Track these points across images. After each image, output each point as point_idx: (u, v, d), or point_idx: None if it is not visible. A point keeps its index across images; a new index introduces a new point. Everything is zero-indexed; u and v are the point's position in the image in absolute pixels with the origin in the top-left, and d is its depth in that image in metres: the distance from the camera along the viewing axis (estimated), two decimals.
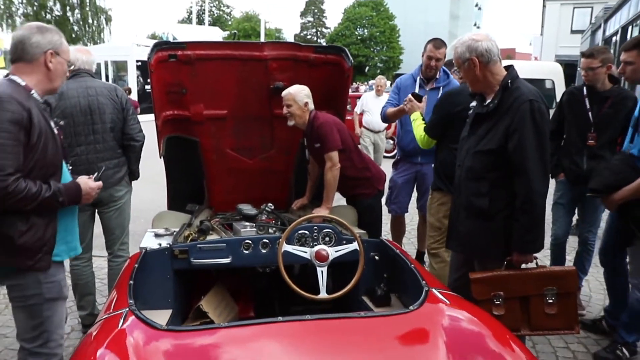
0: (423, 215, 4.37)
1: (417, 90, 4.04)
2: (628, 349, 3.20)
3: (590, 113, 3.60)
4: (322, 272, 2.66)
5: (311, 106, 3.49)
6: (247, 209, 3.45)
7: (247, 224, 3.15)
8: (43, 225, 2.08)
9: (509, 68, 2.51)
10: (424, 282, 2.22)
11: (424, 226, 4.22)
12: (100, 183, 2.33)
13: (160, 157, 3.83)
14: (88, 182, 2.25)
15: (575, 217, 4.06)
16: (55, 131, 2.15)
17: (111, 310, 2.06)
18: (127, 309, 1.97)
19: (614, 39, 14.29)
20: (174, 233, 3.06)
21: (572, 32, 24.90)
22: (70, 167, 2.33)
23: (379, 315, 2.07)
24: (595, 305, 4.09)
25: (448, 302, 2.09)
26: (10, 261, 2.06)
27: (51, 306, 2.17)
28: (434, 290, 2.17)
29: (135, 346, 1.74)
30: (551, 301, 2.43)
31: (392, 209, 4.42)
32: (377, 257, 2.89)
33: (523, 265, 2.50)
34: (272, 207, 3.55)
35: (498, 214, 2.48)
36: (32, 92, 2.09)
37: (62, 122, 2.69)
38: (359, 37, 49.10)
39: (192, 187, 3.96)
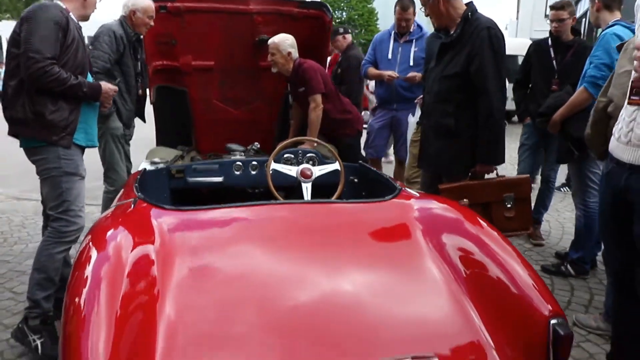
0: (399, 159, 4.70)
1: (391, 44, 4.41)
2: (573, 267, 3.58)
3: (554, 61, 3.97)
4: (306, 188, 2.94)
5: (295, 55, 3.75)
6: (236, 146, 3.71)
7: (236, 151, 3.41)
8: (68, 110, 2.52)
9: (468, 3, 2.83)
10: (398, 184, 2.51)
11: (401, 169, 4.56)
12: (116, 87, 2.84)
13: (151, 104, 4.06)
14: (108, 84, 2.76)
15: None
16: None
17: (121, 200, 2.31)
18: (137, 197, 2.21)
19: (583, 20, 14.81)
20: (169, 162, 3.31)
21: (546, 16, 25.45)
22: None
23: (357, 202, 2.32)
24: (553, 239, 4.48)
25: (418, 195, 2.39)
26: (40, 134, 2.50)
27: (69, 179, 2.57)
28: (406, 188, 2.46)
29: (146, 223, 1.96)
30: (509, 206, 2.77)
31: (369, 153, 4.73)
32: (356, 180, 3.18)
33: (485, 176, 2.83)
34: (259, 146, 3.81)
35: (462, 132, 2.80)
36: (70, 14, 2.57)
37: None
38: (337, 20, 49.11)
39: (180, 134, 4.18)
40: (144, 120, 4.07)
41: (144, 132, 4.60)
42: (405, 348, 1.57)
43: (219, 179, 3.07)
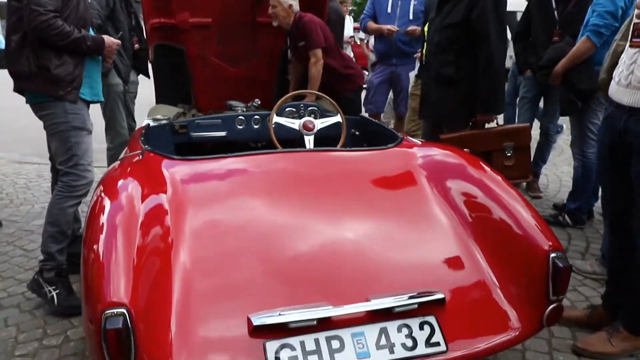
0: (398, 115, 4.72)
1: None
2: (570, 217, 3.66)
3: (555, 12, 3.93)
4: (309, 141, 2.96)
5: (296, 8, 3.71)
6: (236, 103, 3.71)
7: (237, 107, 3.42)
8: (73, 64, 2.54)
9: None
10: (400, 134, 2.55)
11: (400, 124, 4.58)
12: (119, 41, 2.81)
13: (149, 62, 4.04)
14: (111, 38, 2.75)
15: None
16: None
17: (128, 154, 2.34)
18: (143, 149, 2.24)
19: None
20: (171, 118, 3.32)
21: None
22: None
23: (360, 149, 2.36)
24: (551, 191, 4.55)
25: (421, 143, 2.42)
26: (45, 89, 2.51)
27: (77, 134, 2.61)
28: (409, 137, 2.50)
29: (156, 173, 2.00)
30: (509, 155, 2.82)
31: (368, 109, 4.74)
32: (357, 133, 3.21)
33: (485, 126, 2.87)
34: (259, 103, 3.82)
35: (462, 81, 2.83)
36: None
37: None
38: None
39: (180, 92, 4.17)
40: (147, 76, 4.07)
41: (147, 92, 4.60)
42: (411, 284, 1.64)
43: (222, 134, 3.10)
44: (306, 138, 2.97)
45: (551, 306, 1.63)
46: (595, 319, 2.44)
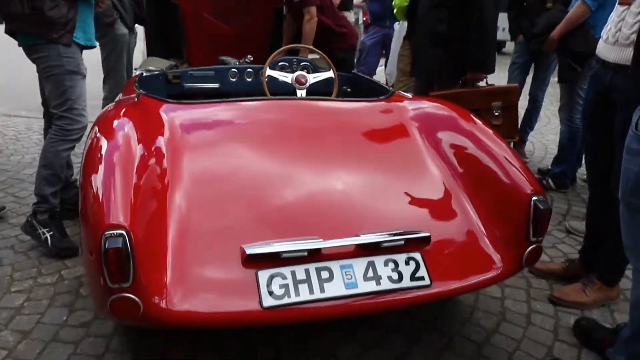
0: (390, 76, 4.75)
1: None
2: (554, 181, 3.76)
3: None
4: (301, 95, 2.99)
5: None
6: (229, 59, 3.71)
7: (229, 61, 3.43)
8: (66, 7, 2.51)
9: None
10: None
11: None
12: None
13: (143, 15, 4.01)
14: None
15: None
16: None
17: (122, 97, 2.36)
18: (139, 93, 2.26)
19: None
20: (164, 70, 3.33)
21: None
22: None
23: (351, 100, 2.40)
24: (536, 158, 4.64)
25: (412, 97, 2.47)
26: (39, 31, 2.49)
27: (72, 78, 2.61)
28: (399, 91, 2.55)
29: (151, 115, 2.03)
30: (497, 114, 2.88)
31: (360, 70, 4.77)
32: (349, 90, 3.24)
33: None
34: (252, 59, 3.82)
35: (454, 39, 2.86)
36: None
37: None
38: None
39: (172, 47, 4.14)
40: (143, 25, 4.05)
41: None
42: (399, 224, 1.71)
43: (215, 85, 3.12)
44: (298, 92, 2.99)
45: (530, 247, 1.71)
46: (572, 272, 2.55)
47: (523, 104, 4.46)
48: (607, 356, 1.78)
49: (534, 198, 1.70)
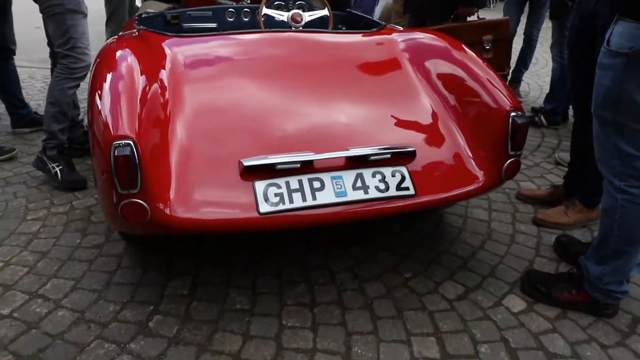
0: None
1: None
2: (546, 117, 3.85)
3: None
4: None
5: None
6: (225, 1, 3.75)
7: (228, 2, 3.48)
8: None
9: None
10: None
11: None
12: None
13: None
14: None
15: None
16: None
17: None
18: (139, 28, 2.35)
19: None
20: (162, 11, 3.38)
21: None
22: None
23: (343, 31, 2.48)
24: (531, 98, 4.72)
25: (403, 29, 2.55)
26: None
27: (73, 17, 2.69)
28: (390, 25, 2.62)
29: (152, 47, 2.11)
30: (488, 47, 2.95)
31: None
32: (344, 28, 3.30)
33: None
34: (249, 1, 3.86)
35: None
36: None
37: None
38: None
39: None
40: None
41: None
42: (387, 140, 1.83)
43: (213, 25, 3.19)
44: (294, 28, 3.07)
45: (509, 160, 1.83)
46: (556, 197, 2.68)
47: (518, 43, 4.53)
48: (580, 263, 1.93)
49: (512, 114, 1.81)
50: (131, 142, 1.51)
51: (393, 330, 1.80)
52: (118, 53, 2.01)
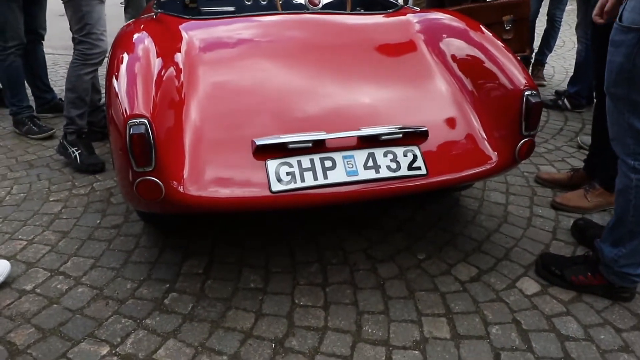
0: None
1: None
2: (570, 101, 3.77)
3: None
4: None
5: None
6: None
7: None
8: None
9: None
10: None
11: None
12: None
13: None
14: None
15: None
16: None
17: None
18: (157, 12, 2.37)
19: None
20: None
21: None
22: None
23: (360, 13, 2.47)
24: (555, 81, 4.61)
25: (419, 10, 2.52)
26: None
27: (88, 3, 2.73)
28: (408, 6, 2.59)
29: (168, 30, 2.13)
30: (508, 28, 2.90)
31: None
32: (361, 10, 3.28)
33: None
34: None
35: None
36: None
37: None
38: None
39: None
40: None
41: None
42: (400, 120, 1.83)
43: (231, 8, 3.20)
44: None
45: (523, 140, 1.81)
46: (576, 181, 2.64)
47: (542, 25, 4.43)
48: (595, 246, 1.90)
49: (527, 93, 1.79)
50: (146, 121, 1.54)
51: (404, 310, 1.81)
52: (135, 36, 2.04)
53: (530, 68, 4.52)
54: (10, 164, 2.92)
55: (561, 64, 5.18)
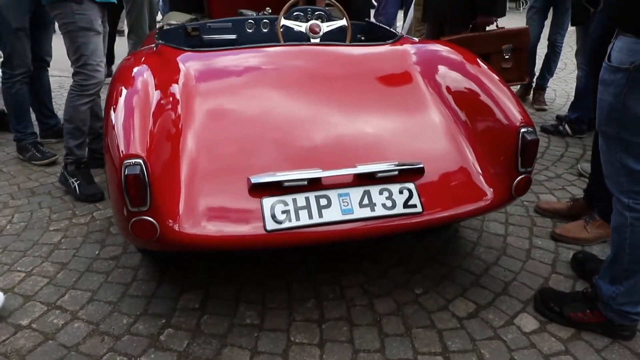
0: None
1: None
2: (570, 126, 3.77)
3: None
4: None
5: None
6: (248, 12, 3.80)
7: (248, 13, 3.52)
8: None
9: None
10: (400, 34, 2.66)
11: None
12: None
13: None
14: None
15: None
16: None
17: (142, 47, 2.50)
18: (157, 43, 2.40)
19: None
20: (184, 22, 3.45)
21: None
22: None
23: (358, 44, 2.48)
24: (557, 105, 4.62)
25: (418, 41, 2.54)
26: None
27: (85, 34, 2.71)
28: (407, 36, 2.61)
29: (169, 63, 2.16)
30: (507, 57, 2.92)
31: (379, 21, 4.78)
32: (363, 38, 3.30)
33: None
34: (270, 11, 3.90)
35: None
36: None
37: None
38: None
39: (193, 1, 4.23)
40: None
41: None
42: (395, 156, 1.83)
43: (233, 37, 3.23)
44: (312, 41, 3.08)
45: (519, 177, 1.81)
46: (576, 211, 2.63)
47: (543, 49, 4.45)
48: (594, 282, 1.88)
49: (522, 130, 1.79)
50: (141, 161, 1.55)
51: (400, 348, 1.79)
52: (134, 70, 2.06)
53: (532, 92, 4.53)
54: (12, 192, 2.93)
55: (562, 87, 5.19)
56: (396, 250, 2.37)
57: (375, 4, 4.72)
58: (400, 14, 4.98)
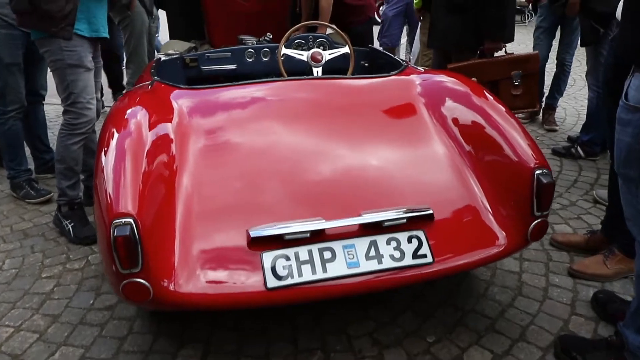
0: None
1: None
2: (583, 149, 3.65)
3: None
4: (317, 72, 2.98)
5: None
6: (248, 38, 3.72)
7: (249, 42, 3.44)
8: (64, 0, 2.42)
9: None
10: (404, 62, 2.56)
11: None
12: None
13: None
14: None
15: None
16: None
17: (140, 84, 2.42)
18: (153, 79, 2.31)
19: None
20: (182, 53, 3.37)
21: None
22: None
23: (361, 77, 2.38)
24: (567, 125, 4.50)
25: (423, 71, 2.44)
26: (39, 25, 2.47)
27: (73, 71, 2.58)
28: (412, 65, 2.51)
29: (163, 102, 2.06)
30: (517, 83, 2.81)
31: (383, 42, 4.70)
32: (366, 65, 3.21)
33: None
34: (271, 37, 3.82)
35: (471, 7, 2.78)
36: None
37: None
38: None
39: (193, 28, 4.17)
40: (165, 8, 4.11)
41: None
42: (402, 201, 1.72)
43: (232, 67, 3.14)
44: (314, 70, 2.98)
45: (535, 221, 1.69)
46: (593, 244, 2.49)
47: (551, 68, 4.34)
48: (619, 330, 1.76)
49: (537, 172, 1.67)
50: (131, 220, 1.44)
51: None
52: (127, 112, 1.98)
53: (542, 112, 4.42)
54: (4, 234, 2.83)
55: (572, 105, 5.07)
56: (406, 292, 2.24)
57: (379, 20, 4.63)
58: (405, 30, 4.88)
